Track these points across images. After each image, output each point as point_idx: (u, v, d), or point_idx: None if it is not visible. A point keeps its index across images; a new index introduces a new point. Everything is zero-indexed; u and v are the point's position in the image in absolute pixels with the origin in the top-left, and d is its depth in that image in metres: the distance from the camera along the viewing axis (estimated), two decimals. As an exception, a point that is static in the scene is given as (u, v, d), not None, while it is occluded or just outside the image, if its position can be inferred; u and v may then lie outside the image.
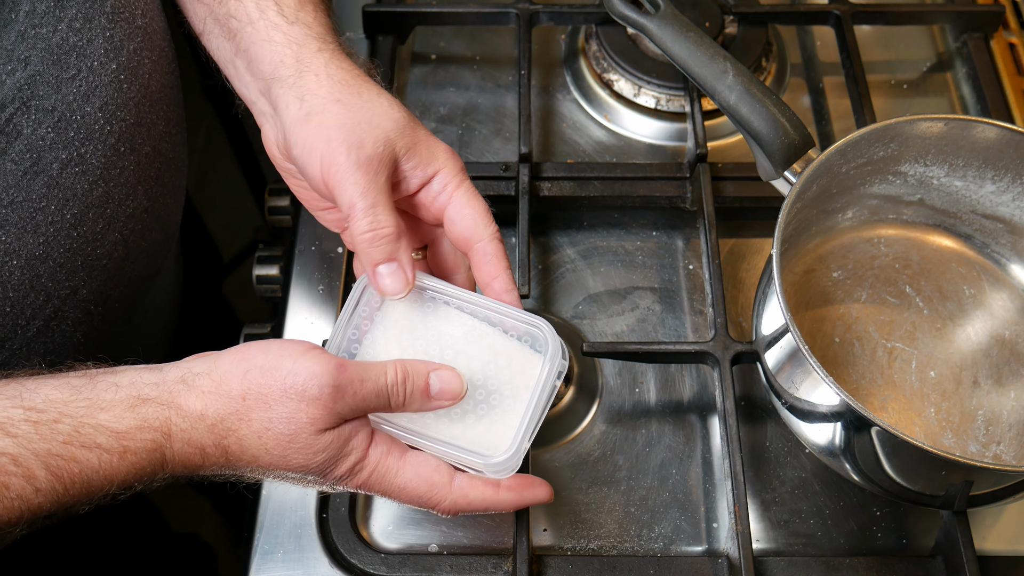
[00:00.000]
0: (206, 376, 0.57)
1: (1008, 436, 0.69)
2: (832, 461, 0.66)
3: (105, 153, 0.66)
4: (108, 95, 0.66)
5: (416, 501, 0.59)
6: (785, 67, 0.93)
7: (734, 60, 0.71)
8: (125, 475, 0.55)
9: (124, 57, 0.67)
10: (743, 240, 0.83)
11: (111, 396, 0.55)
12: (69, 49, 0.63)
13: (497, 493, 0.59)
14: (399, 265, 0.60)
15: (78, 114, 0.64)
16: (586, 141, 0.89)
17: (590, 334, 0.78)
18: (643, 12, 0.75)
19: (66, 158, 0.64)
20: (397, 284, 0.60)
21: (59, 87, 0.63)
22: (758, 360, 0.69)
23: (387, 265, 0.60)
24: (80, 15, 0.64)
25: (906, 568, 0.67)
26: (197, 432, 0.55)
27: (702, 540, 0.70)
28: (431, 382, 0.58)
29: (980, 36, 0.92)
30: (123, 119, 0.67)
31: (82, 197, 0.65)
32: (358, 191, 0.59)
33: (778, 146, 0.68)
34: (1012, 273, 0.76)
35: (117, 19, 0.67)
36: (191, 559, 1.45)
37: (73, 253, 0.66)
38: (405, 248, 0.60)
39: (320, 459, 0.56)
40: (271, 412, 0.55)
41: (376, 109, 0.62)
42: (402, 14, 0.91)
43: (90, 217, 0.66)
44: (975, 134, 0.70)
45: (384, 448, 0.59)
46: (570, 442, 0.74)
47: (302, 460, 0.56)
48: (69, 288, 0.67)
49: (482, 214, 0.63)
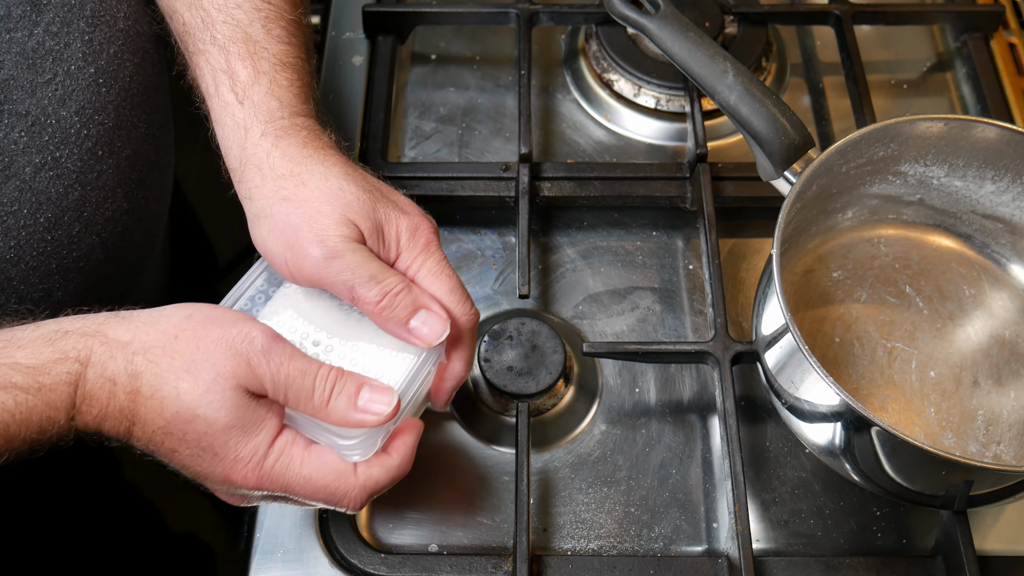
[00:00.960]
0: (145, 312, 0.55)
1: (1008, 436, 0.69)
2: (832, 461, 0.66)
3: (81, 157, 0.65)
4: (85, 99, 0.65)
5: (322, 493, 0.56)
6: (785, 67, 0.93)
7: (734, 60, 0.71)
8: (41, 415, 0.52)
9: (104, 60, 0.66)
10: (743, 240, 0.83)
11: (29, 334, 0.53)
12: (45, 53, 0.63)
13: (391, 458, 0.58)
14: (427, 310, 0.58)
15: (53, 118, 0.63)
16: (586, 141, 0.89)
17: (590, 334, 0.78)
18: (643, 12, 0.75)
19: (39, 162, 0.63)
20: (436, 328, 0.58)
21: (33, 91, 0.62)
22: (758, 360, 0.69)
23: (416, 317, 0.58)
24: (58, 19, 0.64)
25: (906, 568, 0.67)
26: (115, 362, 0.53)
27: (702, 540, 0.70)
28: (362, 392, 0.56)
29: (980, 36, 0.92)
30: (101, 123, 0.66)
31: (56, 201, 0.65)
32: (348, 275, 0.57)
33: (778, 146, 0.68)
34: (1012, 273, 0.76)
35: (97, 22, 0.66)
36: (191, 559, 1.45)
37: (47, 256, 0.65)
38: (421, 292, 0.59)
39: (228, 420, 0.53)
40: (197, 354, 0.53)
41: (326, 196, 0.59)
42: (402, 14, 0.91)
43: (65, 221, 0.66)
44: (975, 134, 0.70)
45: (290, 437, 0.56)
46: (570, 442, 0.74)
47: (211, 414, 0.53)
48: (43, 291, 0.66)
49: (445, 294, 0.60)
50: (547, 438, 0.73)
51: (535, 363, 0.72)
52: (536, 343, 0.73)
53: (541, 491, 0.71)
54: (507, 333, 0.73)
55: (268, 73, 0.63)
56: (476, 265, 0.81)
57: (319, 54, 0.92)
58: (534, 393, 0.71)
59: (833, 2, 0.90)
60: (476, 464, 0.72)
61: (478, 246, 0.82)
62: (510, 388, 0.71)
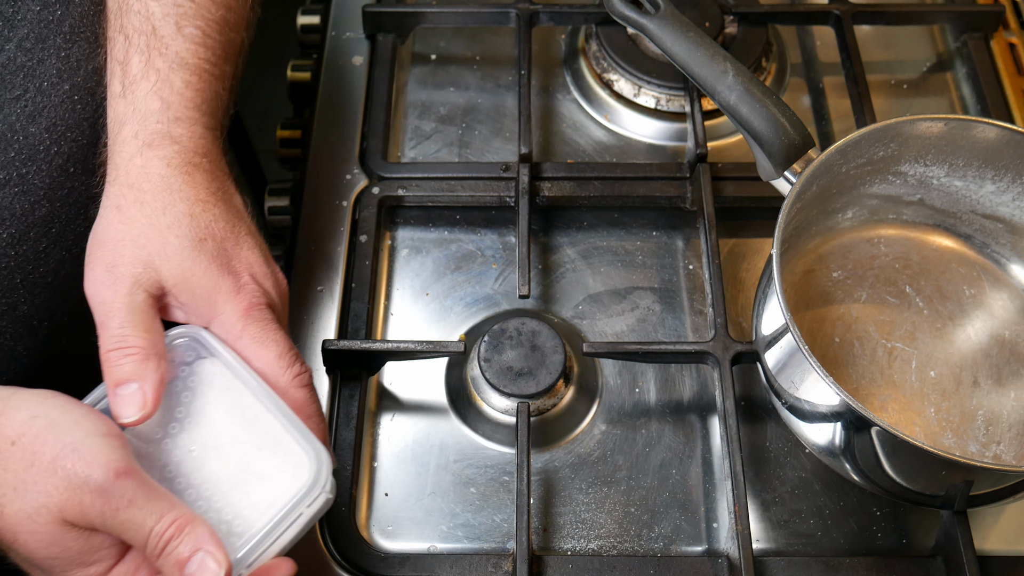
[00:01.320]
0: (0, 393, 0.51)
1: (1008, 436, 0.69)
2: (832, 461, 0.66)
3: (50, 174, 0.64)
4: (57, 116, 0.64)
5: None
6: (785, 67, 0.93)
7: (734, 60, 0.71)
8: None
9: (80, 77, 0.65)
10: (743, 240, 0.83)
11: None
12: (16, 69, 0.62)
13: None
14: (139, 387, 0.53)
15: (21, 135, 0.62)
16: (586, 141, 0.89)
17: (590, 334, 0.78)
18: (643, 12, 0.75)
19: (4, 178, 0.62)
20: (130, 408, 0.53)
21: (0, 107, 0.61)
22: (758, 360, 0.69)
23: (125, 386, 0.53)
24: (33, 35, 0.63)
25: (906, 568, 0.67)
26: None
27: (702, 540, 0.70)
28: (193, 559, 0.50)
29: (980, 36, 0.92)
30: (75, 139, 0.65)
31: (21, 217, 0.64)
32: (105, 309, 0.55)
33: (778, 146, 0.68)
34: (1012, 273, 0.76)
35: (76, 38, 0.65)
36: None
37: (11, 271, 0.64)
38: (153, 371, 0.53)
39: (49, 552, 0.50)
40: (28, 474, 0.49)
41: (149, 228, 0.56)
42: (402, 14, 0.91)
43: (31, 236, 0.64)
44: (975, 134, 0.70)
45: (131, 567, 0.52)
46: (570, 442, 0.74)
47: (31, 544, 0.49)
48: (7, 305, 0.65)
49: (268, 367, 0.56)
50: (547, 438, 0.73)
51: (535, 363, 0.72)
52: (536, 343, 0.73)
53: (541, 491, 0.71)
54: (507, 333, 0.73)
55: (161, 71, 0.60)
56: (476, 265, 0.81)
57: (319, 54, 0.92)
58: (534, 393, 0.71)
59: (833, 2, 0.90)
60: (476, 464, 0.72)
61: (478, 246, 0.82)
62: (510, 388, 0.71)
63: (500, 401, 0.73)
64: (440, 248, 0.82)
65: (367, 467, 0.72)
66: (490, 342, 0.73)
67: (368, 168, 0.84)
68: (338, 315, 0.77)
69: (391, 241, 0.83)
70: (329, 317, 0.77)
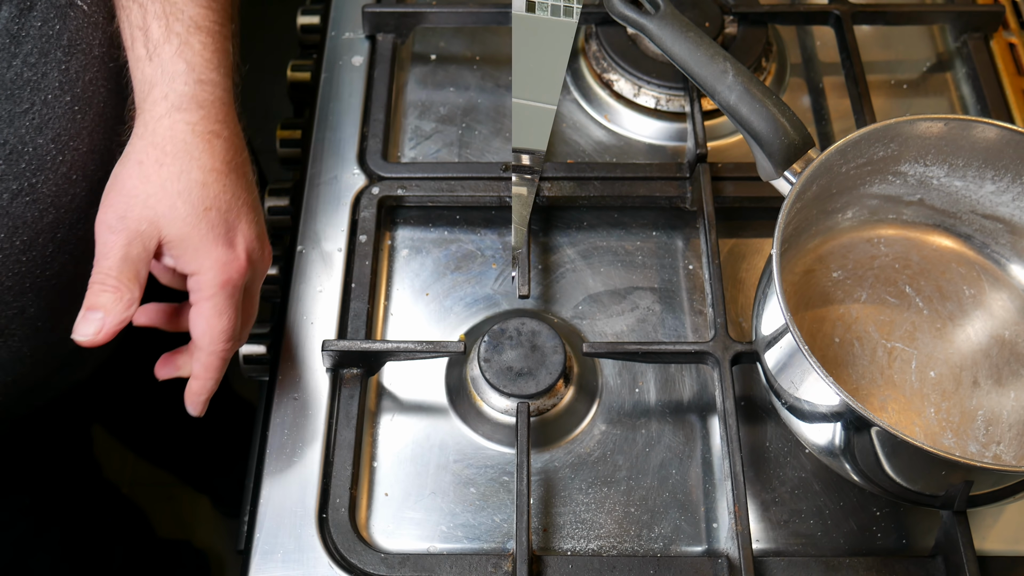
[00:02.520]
0: None
1: (1008, 436, 0.69)
2: (832, 461, 0.66)
3: (56, 182, 0.67)
4: (61, 126, 0.67)
5: None
6: (785, 67, 0.93)
7: (734, 60, 0.71)
8: None
9: (79, 88, 0.68)
10: (743, 240, 0.83)
11: None
12: (23, 84, 0.65)
13: None
14: (103, 317, 0.60)
15: (30, 146, 0.65)
16: (586, 141, 0.89)
17: (590, 334, 0.78)
18: (643, 12, 0.75)
19: (16, 188, 0.65)
20: (88, 328, 0.60)
21: (11, 121, 0.64)
22: (758, 360, 0.69)
23: (94, 311, 0.60)
24: (36, 50, 0.65)
25: (906, 568, 0.67)
26: None
27: (702, 540, 0.70)
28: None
29: (980, 36, 0.92)
30: (76, 148, 0.68)
31: (32, 224, 0.67)
32: (105, 250, 0.60)
33: (778, 146, 0.68)
34: (1012, 273, 0.76)
35: (74, 51, 0.68)
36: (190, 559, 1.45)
37: (22, 276, 0.67)
38: (121, 311, 0.60)
39: None
40: None
41: (162, 190, 0.61)
42: (402, 14, 0.91)
43: (40, 242, 0.68)
44: (975, 134, 0.70)
45: None
46: (570, 442, 0.74)
47: None
48: (17, 308, 0.68)
49: (209, 332, 0.63)
50: (547, 438, 0.73)
51: (535, 363, 0.72)
52: (536, 343, 0.73)
53: (541, 491, 0.71)
54: (507, 333, 0.73)
55: (180, 35, 0.64)
56: (476, 265, 0.81)
57: (319, 54, 0.92)
58: (534, 393, 0.71)
59: (833, 2, 0.90)
60: (476, 464, 0.72)
61: (478, 246, 0.82)
62: (510, 388, 0.71)
63: (500, 401, 0.73)
64: (440, 248, 0.82)
65: (367, 467, 0.72)
66: (490, 342, 0.73)
67: (368, 168, 0.84)
68: (338, 315, 0.77)
69: (391, 241, 0.83)
70: (329, 317, 0.77)
